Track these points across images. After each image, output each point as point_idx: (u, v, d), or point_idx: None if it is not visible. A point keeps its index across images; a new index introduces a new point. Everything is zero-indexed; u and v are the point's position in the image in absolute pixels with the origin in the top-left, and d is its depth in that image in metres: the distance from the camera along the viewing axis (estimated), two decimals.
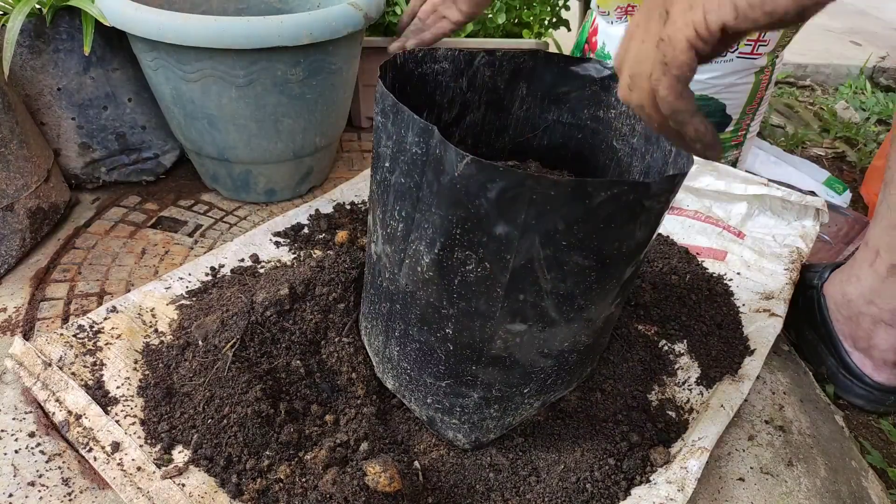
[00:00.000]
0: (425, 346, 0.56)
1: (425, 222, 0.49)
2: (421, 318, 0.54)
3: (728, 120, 1.11)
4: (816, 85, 1.91)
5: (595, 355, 0.63)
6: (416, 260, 0.51)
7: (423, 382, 0.59)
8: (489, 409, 0.59)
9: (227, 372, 0.62)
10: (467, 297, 0.50)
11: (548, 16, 1.26)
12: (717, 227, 0.98)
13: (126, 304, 0.74)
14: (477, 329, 0.52)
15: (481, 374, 0.56)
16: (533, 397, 0.59)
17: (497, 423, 0.61)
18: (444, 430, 0.63)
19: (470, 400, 0.58)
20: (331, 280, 0.73)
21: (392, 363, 0.62)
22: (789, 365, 0.80)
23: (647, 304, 0.81)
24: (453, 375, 0.57)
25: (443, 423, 0.62)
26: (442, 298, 0.52)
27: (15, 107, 0.83)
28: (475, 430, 0.61)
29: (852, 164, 1.44)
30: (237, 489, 0.57)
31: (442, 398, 0.59)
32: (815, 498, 0.64)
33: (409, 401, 0.64)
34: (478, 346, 0.53)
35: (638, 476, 0.61)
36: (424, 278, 0.51)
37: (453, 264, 0.49)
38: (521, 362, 0.55)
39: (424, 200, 0.48)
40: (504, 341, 0.53)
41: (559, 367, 0.57)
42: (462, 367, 0.56)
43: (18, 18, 0.80)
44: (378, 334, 0.62)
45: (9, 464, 0.58)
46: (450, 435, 0.63)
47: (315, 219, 0.93)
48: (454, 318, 0.52)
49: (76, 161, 0.97)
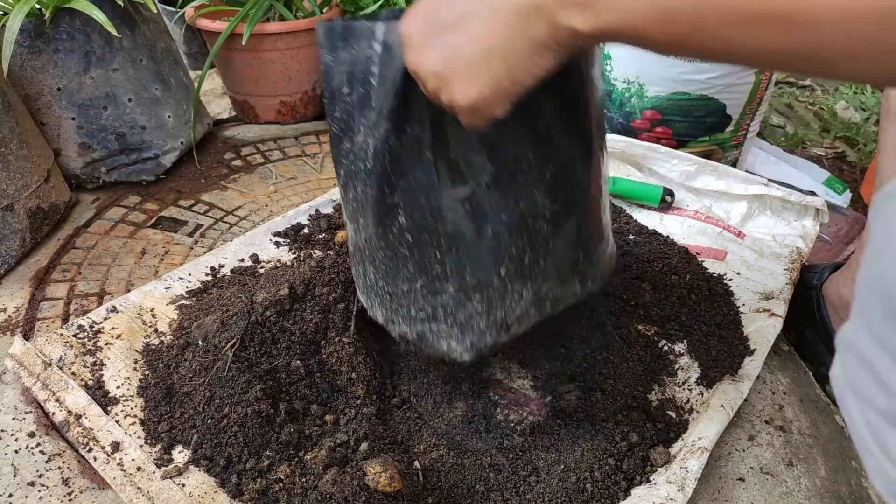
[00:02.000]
0: (388, 249, 0.56)
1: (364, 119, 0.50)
2: (377, 218, 0.54)
3: (728, 120, 1.11)
4: (816, 85, 1.91)
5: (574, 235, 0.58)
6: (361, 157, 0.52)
7: (401, 293, 0.58)
8: (471, 302, 0.56)
9: (227, 372, 0.62)
10: (405, 174, 0.51)
11: None
12: (717, 227, 0.98)
13: (126, 304, 0.74)
14: (424, 205, 0.51)
15: (448, 260, 0.54)
16: (516, 283, 0.56)
17: (487, 320, 0.57)
18: (437, 343, 0.59)
19: (448, 296, 0.56)
20: (331, 280, 0.73)
21: (375, 289, 0.60)
22: (789, 365, 0.80)
23: (647, 304, 0.81)
24: (423, 271, 0.55)
25: (433, 335, 0.59)
26: (383, 186, 0.52)
27: (15, 107, 0.83)
28: (466, 332, 0.57)
29: (852, 164, 1.44)
30: (237, 489, 0.57)
31: (423, 303, 0.57)
32: (815, 498, 0.64)
33: (398, 323, 0.61)
34: (432, 227, 0.52)
35: (638, 476, 0.61)
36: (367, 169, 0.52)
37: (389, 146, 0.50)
38: (482, 235, 0.53)
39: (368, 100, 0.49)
40: (454, 212, 0.52)
41: (530, 241, 0.54)
42: (427, 256, 0.54)
43: (18, 18, 0.80)
44: (358, 265, 0.62)
45: (9, 464, 0.58)
46: (444, 347, 0.59)
47: (315, 219, 0.93)
48: (401, 203, 0.52)
49: (76, 161, 0.97)
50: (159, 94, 1.02)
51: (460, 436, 0.65)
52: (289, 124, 1.30)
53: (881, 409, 0.30)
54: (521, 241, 0.54)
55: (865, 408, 0.31)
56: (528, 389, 0.71)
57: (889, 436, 0.30)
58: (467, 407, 0.68)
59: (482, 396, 0.70)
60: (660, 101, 1.10)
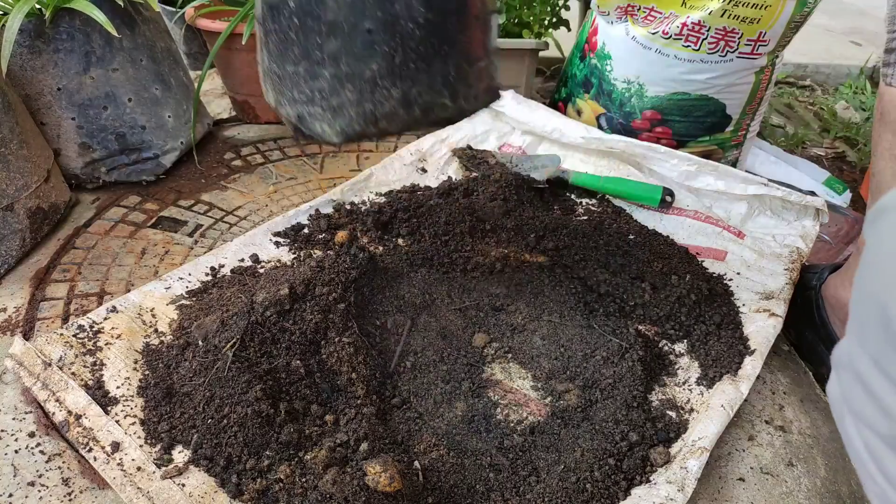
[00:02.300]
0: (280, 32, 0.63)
1: None
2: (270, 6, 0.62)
3: (728, 120, 1.11)
4: (816, 85, 1.91)
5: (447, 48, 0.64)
6: None
7: (287, 76, 0.65)
8: (344, 90, 0.63)
9: (227, 372, 0.62)
10: None
11: (548, 16, 1.26)
12: (717, 227, 0.98)
13: (126, 304, 0.74)
14: None
15: (326, 46, 0.61)
16: (386, 80, 0.62)
17: (356, 109, 0.64)
18: (312, 124, 0.66)
19: (325, 81, 0.63)
20: (331, 280, 0.73)
21: (268, 73, 0.67)
22: (789, 365, 0.80)
23: (647, 304, 0.81)
24: (306, 55, 0.62)
25: (310, 117, 0.66)
26: None
27: (15, 107, 0.83)
28: (337, 117, 0.64)
29: (852, 164, 1.44)
30: (237, 489, 0.57)
31: (303, 86, 0.64)
32: (815, 498, 0.64)
33: (283, 105, 0.68)
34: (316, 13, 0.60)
35: (638, 476, 0.61)
36: None
37: None
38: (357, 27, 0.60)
39: None
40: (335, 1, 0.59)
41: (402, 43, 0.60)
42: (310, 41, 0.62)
43: (18, 17, 0.80)
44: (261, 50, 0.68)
45: (9, 464, 0.58)
46: (318, 129, 0.66)
47: (315, 219, 0.93)
48: None
49: (76, 161, 0.97)
50: (159, 94, 1.02)
51: (460, 436, 0.65)
52: None
53: (882, 434, 0.29)
54: (394, 42, 0.60)
55: (865, 431, 0.31)
56: (528, 389, 0.72)
57: (890, 461, 0.29)
58: (467, 407, 0.68)
59: (482, 396, 0.70)
60: (660, 101, 1.10)
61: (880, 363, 0.28)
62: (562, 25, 1.31)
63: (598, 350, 0.72)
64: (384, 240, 0.91)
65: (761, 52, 1.03)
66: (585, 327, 0.76)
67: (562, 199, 1.06)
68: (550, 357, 0.73)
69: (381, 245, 0.90)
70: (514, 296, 0.82)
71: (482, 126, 1.19)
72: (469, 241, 0.91)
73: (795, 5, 0.97)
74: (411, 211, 0.93)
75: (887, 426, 0.29)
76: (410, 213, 0.93)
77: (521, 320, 0.78)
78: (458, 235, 0.91)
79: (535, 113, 1.15)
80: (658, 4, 1.04)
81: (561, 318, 0.77)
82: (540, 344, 0.75)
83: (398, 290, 0.80)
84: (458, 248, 0.89)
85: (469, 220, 0.92)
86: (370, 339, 0.73)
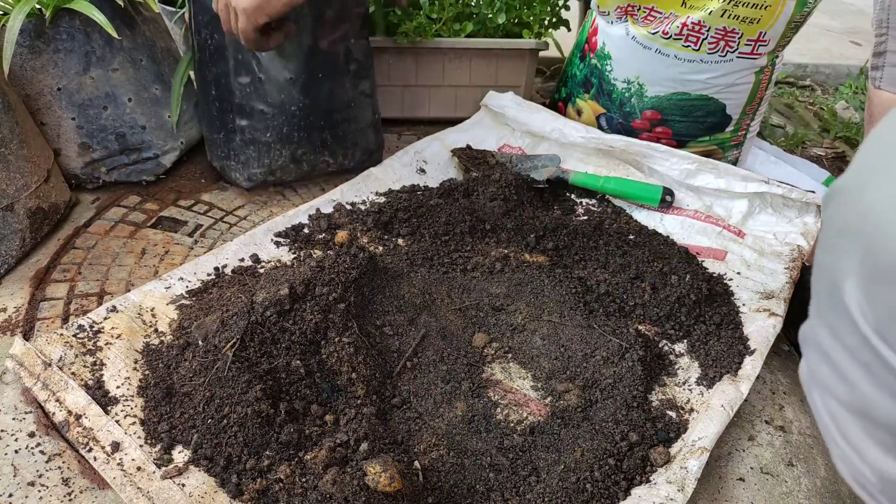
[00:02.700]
0: (209, 105, 0.96)
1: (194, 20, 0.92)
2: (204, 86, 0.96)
3: (728, 120, 1.11)
4: (816, 85, 1.91)
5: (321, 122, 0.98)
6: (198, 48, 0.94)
7: (215, 141, 0.99)
8: (248, 150, 0.96)
9: (227, 372, 0.62)
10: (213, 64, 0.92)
11: (548, 16, 1.26)
12: (717, 226, 0.98)
13: (126, 303, 0.74)
14: (224, 86, 0.92)
15: (237, 120, 0.94)
16: (278, 145, 0.96)
17: (258, 162, 0.97)
18: (230, 173, 1.00)
19: (236, 144, 0.96)
20: (331, 280, 0.73)
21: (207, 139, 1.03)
22: (789, 365, 0.80)
23: (647, 304, 0.81)
24: (224, 127, 0.96)
25: (228, 168, 0.99)
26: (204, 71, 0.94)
27: (15, 107, 0.83)
28: (245, 168, 0.97)
29: None
30: (237, 489, 0.57)
31: (225, 148, 0.98)
32: (815, 498, 0.64)
33: (213, 160, 1.03)
34: (228, 98, 0.93)
35: (638, 476, 0.61)
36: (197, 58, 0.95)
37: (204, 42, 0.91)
38: (257, 109, 0.93)
39: None
40: (241, 92, 0.92)
41: (287, 120, 0.95)
42: (224, 117, 0.95)
43: (18, 18, 0.80)
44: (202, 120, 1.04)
45: (9, 464, 0.58)
46: (234, 176, 0.99)
47: (315, 219, 0.93)
48: (213, 82, 0.93)
49: (76, 161, 0.97)
50: (159, 94, 1.02)
51: (460, 436, 0.65)
52: None
53: (841, 399, 0.31)
54: (281, 119, 0.95)
55: (827, 398, 0.33)
56: (528, 389, 0.72)
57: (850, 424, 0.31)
58: (467, 407, 0.68)
59: (482, 396, 0.70)
60: (660, 101, 1.10)
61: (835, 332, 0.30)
62: (562, 25, 1.31)
63: (598, 350, 0.72)
64: (384, 240, 0.91)
65: (761, 52, 1.03)
66: (585, 327, 0.76)
67: (562, 199, 1.06)
68: (550, 357, 0.73)
69: (382, 245, 0.90)
70: (514, 296, 0.82)
71: (482, 127, 1.19)
72: (469, 241, 0.91)
73: (795, 5, 0.97)
74: (411, 211, 0.93)
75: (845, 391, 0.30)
76: (410, 213, 0.93)
77: (521, 320, 0.78)
78: (458, 235, 0.91)
79: (534, 115, 1.15)
80: (658, 4, 1.04)
81: (561, 318, 0.77)
82: (540, 344, 0.75)
83: (398, 289, 0.80)
84: (458, 248, 0.89)
85: (469, 220, 0.92)
86: (370, 339, 0.73)
